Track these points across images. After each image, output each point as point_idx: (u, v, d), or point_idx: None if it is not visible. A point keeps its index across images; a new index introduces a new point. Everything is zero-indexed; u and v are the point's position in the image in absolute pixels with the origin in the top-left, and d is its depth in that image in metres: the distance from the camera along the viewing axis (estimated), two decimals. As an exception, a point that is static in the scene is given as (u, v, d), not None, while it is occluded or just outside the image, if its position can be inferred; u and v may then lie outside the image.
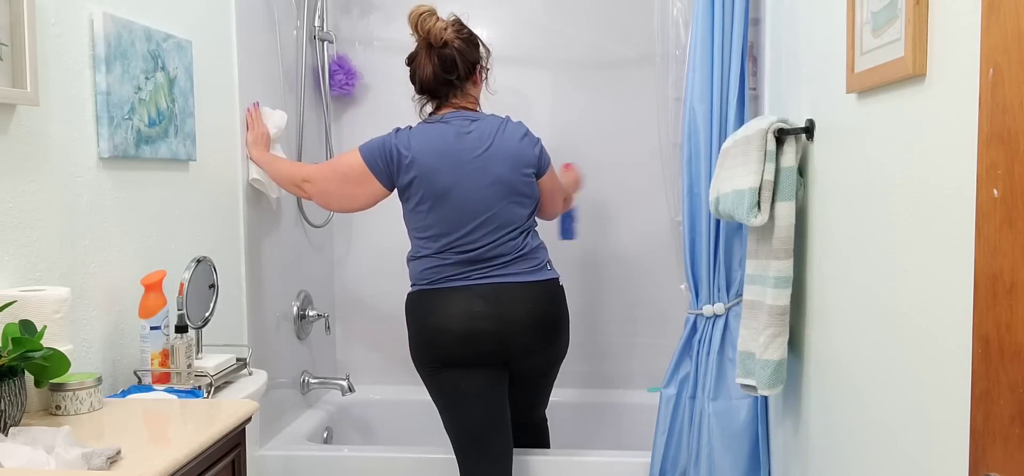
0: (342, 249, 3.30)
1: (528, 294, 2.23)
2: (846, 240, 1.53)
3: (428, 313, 2.23)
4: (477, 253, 2.20)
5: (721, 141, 2.24)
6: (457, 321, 2.19)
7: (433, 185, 2.19)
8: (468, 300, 2.19)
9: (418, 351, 2.27)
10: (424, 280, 2.25)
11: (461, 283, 2.21)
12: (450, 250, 2.21)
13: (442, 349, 2.21)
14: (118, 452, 1.27)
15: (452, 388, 2.25)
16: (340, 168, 2.31)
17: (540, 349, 2.28)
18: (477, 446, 2.26)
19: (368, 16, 3.20)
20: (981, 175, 0.91)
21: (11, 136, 1.57)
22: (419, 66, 2.29)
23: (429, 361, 2.26)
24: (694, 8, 2.26)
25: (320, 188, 2.34)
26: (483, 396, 2.25)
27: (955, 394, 1.05)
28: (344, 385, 3.01)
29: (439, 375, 2.26)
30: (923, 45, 1.13)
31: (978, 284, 0.92)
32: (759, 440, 2.26)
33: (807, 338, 1.84)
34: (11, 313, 1.44)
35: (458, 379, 2.24)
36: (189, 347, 1.87)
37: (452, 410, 2.27)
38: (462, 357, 2.21)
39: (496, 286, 2.20)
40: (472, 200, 2.19)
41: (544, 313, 2.25)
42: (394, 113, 3.16)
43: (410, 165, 2.20)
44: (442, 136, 2.22)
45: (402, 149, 2.22)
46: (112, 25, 1.82)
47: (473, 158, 2.20)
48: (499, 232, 2.21)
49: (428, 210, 2.21)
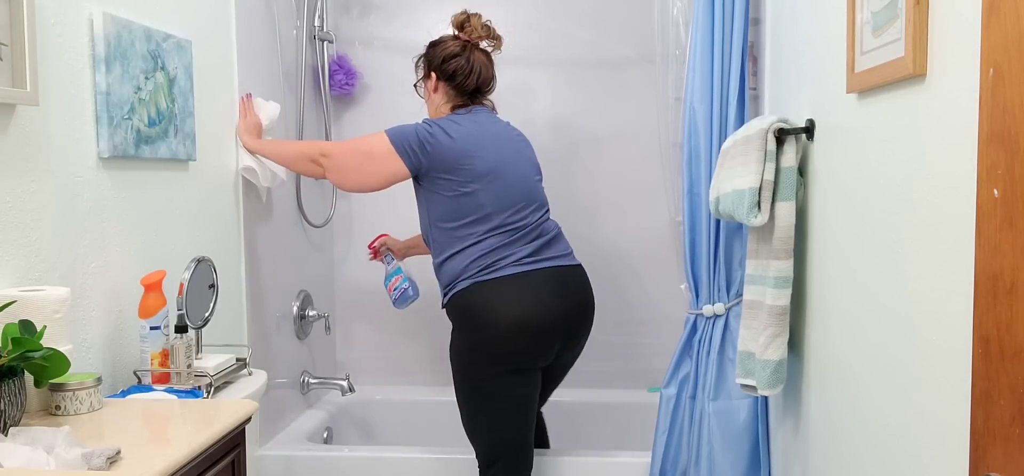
0: (342, 249, 3.30)
1: (578, 277, 2.28)
2: (846, 240, 1.53)
3: (503, 306, 2.13)
4: (529, 231, 2.22)
5: (721, 141, 2.24)
6: (534, 312, 2.13)
7: (483, 162, 2.20)
8: (535, 288, 2.16)
9: (492, 348, 2.14)
10: (474, 270, 2.18)
11: (524, 268, 2.17)
12: (502, 229, 2.20)
13: (521, 346, 2.12)
14: (118, 452, 1.27)
15: (507, 393, 2.15)
16: (362, 146, 2.30)
17: (583, 335, 2.32)
18: (513, 458, 2.20)
19: (368, 16, 3.20)
20: (981, 175, 0.91)
21: (11, 136, 1.57)
22: (477, 62, 2.32)
23: (506, 359, 2.14)
24: (694, 8, 2.26)
25: (338, 163, 2.31)
26: (531, 405, 2.21)
27: (955, 394, 1.05)
28: (344, 385, 3.01)
29: (506, 379, 2.15)
30: (923, 45, 1.13)
31: (978, 284, 0.92)
32: (759, 440, 2.26)
33: (807, 338, 1.84)
34: (11, 313, 1.44)
35: (518, 384, 2.16)
36: (189, 347, 1.87)
37: (497, 415, 2.17)
38: (537, 354, 2.16)
39: (559, 270, 2.23)
40: (519, 176, 2.25)
41: (589, 298, 2.30)
42: (394, 113, 3.16)
43: (455, 147, 2.20)
44: (479, 122, 2.28)
45: (448, 131, 2.22)
46: (112, 25, 1.82)
47: (510, 140, 2.29)
48: (540, 211, 2.28)
49: (479, 189, 2.19)
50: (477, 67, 2.32)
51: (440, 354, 3.30)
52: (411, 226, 2.98)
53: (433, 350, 3.29)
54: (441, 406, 3.18)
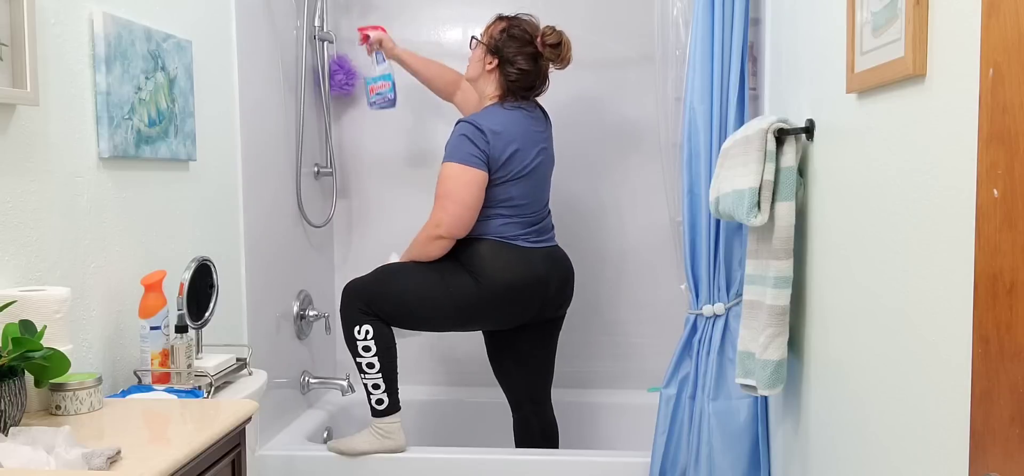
0: (342, 249, 3.29)
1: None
2: (846, 240, 1.53)
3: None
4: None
5: (721, 141, 2.23)
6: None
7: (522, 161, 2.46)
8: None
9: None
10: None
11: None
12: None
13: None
14: (118, 452, 1.27)
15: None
16: (445, 189, 2.42)
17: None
18: (387, 324, 2.49)
19: (368, 16, 3.20)
20: (981, 175, 0.91)
21: (11, 136, 1.57)
22: (539, 75, 2.54)
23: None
24: (694, 8, 2.26)
25: (451, 221, 2.42)
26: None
27: (955, 394, 1.05)
28: (344, 385, 3.01)
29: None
30: (923, 45, 1.13)
31: (978, 284, 0.92)
32: (759, 440, 2.26)
33: (807, 338, 1.84)
34: (11, 313, 1.44)
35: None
36: (189, 347, 1.87)
37: (420, 293, 2.48)
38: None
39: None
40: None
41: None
42: (394, 113, 3.16)
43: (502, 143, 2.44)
44: (521, 121, 2.49)
45: (489, 138, 2.42)
46: (112, 25, 1.82)
47: (544, 139, 2.55)
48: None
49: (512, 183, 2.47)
50: (536, 81, 2.54)
51: (440, 354, 3.30)
52: (411, 225, 2.97)
53: (433, 350, 3.29)
54: (441, 406, 3.18)
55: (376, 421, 2.50)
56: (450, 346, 3.28)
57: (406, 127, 3.23)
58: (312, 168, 3.06)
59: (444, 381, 3.31)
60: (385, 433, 2.48)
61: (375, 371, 2.46)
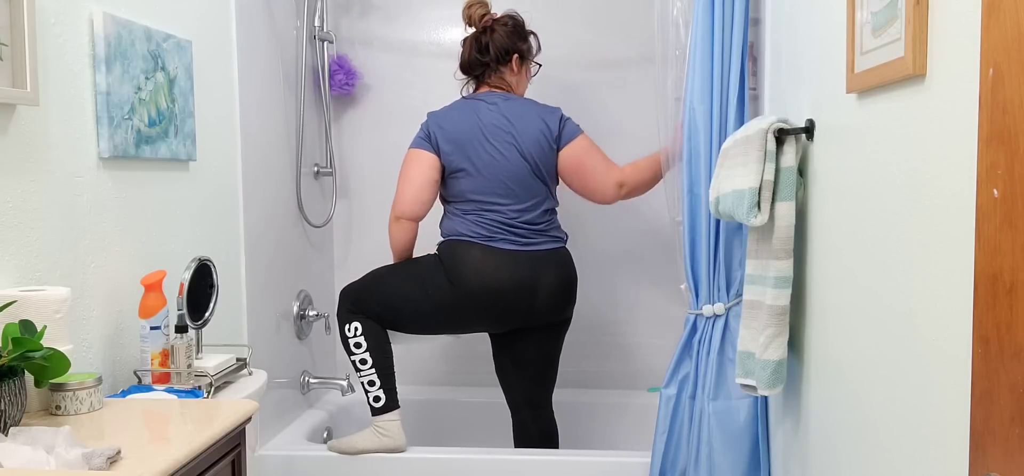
0: (342, 249, 3.29)
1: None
2: (846, 240, 1.53)
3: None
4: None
5: (721, 141, 2.23)
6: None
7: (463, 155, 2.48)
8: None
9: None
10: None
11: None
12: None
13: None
14: (118, 452, 1.27)
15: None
16: (408, 172, 2.52)
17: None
18: (377, 322, 2.53)
19: (368, 16, 3.20)
20: (981, 175, 0.91)
21: (11, 136, 1.57)
22: (463, 46, 2.60)
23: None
24: (694, 8, 2.26)
25: (401, 201, 2.52)
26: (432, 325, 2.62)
27: (955, 394, 1.05)
28: (344, 385, 3.01)
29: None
30: (923, 45, 1.13)
31: (978, 284, 0.92)
32: (759, 440, 2.26)
33: (807, 338, 1.84)
34: (11, 313, 1.44)
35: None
36: (189, 347, 1.87)
37: (407, 294, 2.52)
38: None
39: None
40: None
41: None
42: (394, 113, 3.17)
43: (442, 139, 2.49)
44: (467, 114, 2.51)
45: (433, 127, 2.52)
46: (112, 25, 1.82)
47: (496, 132, 2.49)
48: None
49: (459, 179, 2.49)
50: (463, 50, 2.62)
51: (440, 354, 3.30)
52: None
53: (432, 350, 3.29)
54: (441, 405, 3.18)
55: (376, 420, 2.50)
56: (450, 346, 3.28)
57: (406, 128, 3.23)
58: (312, 168, 3.06)
59: (444, 381, 3.31)
60: (384, 431, 2.48)
61: (368, 367, 2.47)
